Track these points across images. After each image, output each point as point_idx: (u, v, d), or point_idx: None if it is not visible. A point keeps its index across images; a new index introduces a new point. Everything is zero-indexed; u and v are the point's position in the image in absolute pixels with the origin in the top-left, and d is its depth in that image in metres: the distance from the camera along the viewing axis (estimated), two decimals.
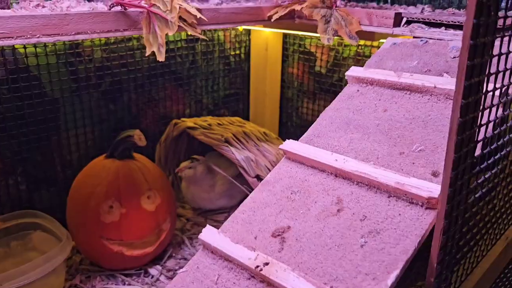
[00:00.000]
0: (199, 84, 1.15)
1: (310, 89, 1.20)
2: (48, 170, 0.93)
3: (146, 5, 0.60)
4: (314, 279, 0.45)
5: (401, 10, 0.78)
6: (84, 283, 0.84)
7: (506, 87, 0.49)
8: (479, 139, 0.45)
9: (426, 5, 0.85)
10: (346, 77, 0.68)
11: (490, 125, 0.48)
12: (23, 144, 0.88)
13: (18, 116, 0.86)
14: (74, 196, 0.86)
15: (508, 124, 0.53)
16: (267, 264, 0.48)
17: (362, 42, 1.02)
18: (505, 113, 0.51)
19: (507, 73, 0.48)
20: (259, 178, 0.92)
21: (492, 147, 0.50)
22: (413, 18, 0.75)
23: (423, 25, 0.74)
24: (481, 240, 0.56)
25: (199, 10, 0.69)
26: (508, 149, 0.55)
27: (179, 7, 0.62)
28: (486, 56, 0.40)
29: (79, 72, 0.92)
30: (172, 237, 0.94)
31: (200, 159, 0.98)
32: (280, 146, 0.61)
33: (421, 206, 0.47)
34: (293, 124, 1.27)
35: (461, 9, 0.86)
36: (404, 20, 0.76)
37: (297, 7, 0.75)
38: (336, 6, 0.79)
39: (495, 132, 0.51)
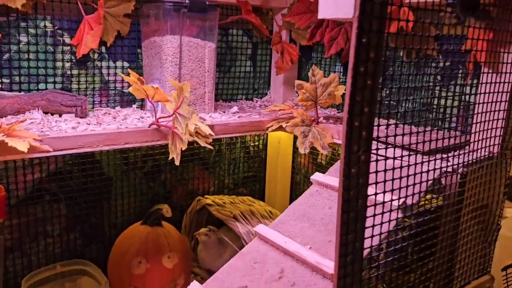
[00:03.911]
0: (222, 168, 1.44)
1: None
2: (98, 230, 1.23)
3: (171, 126, 0.90)
4: None
5: None
6: None
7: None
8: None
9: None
10: (311, 180, 0.93)
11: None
12: (83, 210, 1.19)
13: (83, 189, 1.18)
14: (114, 252, 1.14)
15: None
16: None
17: None
18: (401, 217, 0.73)
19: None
20: None
21: (390, 239, 0.72)
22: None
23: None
24: None
25: (211, 126, 0.98)
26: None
27: (195, 127, 0.92)
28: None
29: (129, 158, 1.24)
30: None
31: (215, 230, 1.23)
32: (255, 228, 0.86)
33: (329, 279, 0.69)
34: None
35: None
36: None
37: (284, 124, 1.03)
38: (317, 123, 1.06)
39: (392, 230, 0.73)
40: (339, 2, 0.58)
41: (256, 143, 1.50)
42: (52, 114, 1.02)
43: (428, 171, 0.79)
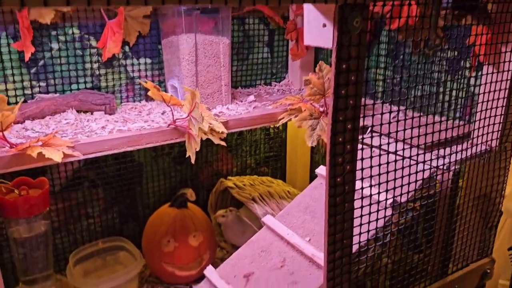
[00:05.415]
0: (244, 149, 1.53)
1: None
2: (133, 209, 1.38)
3: (187, 127, 1.00)
4: None
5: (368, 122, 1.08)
6: None
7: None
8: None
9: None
10: (316, 172, 1.01)
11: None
12: (119, 192, 1.33)
13: (117, 175, 1.31)
14: (147, 231, 1.28)
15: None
16: None
17: None
18: (390, 214, 0.80)
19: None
20: None
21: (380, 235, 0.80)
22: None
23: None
24: None
25: (225, 122, 1.07)
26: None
27: (209, 125, 1.01)
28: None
29: None
30: (212, 264, 1.32)
31: (233, 210, 1.35)
32: (262, 219, 0.96)
33: (322, 270, 0.78)
34: None
35: None
36: (369, 129, 1.06)
37: (293, 119, 1.10)
38: (326, 115, 1.12)
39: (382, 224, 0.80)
40: (320, 32, 0.63)
41: (277, 125, 1.57)
42: (84, 112, 1.13)
43: (423, 170, 0.85)
